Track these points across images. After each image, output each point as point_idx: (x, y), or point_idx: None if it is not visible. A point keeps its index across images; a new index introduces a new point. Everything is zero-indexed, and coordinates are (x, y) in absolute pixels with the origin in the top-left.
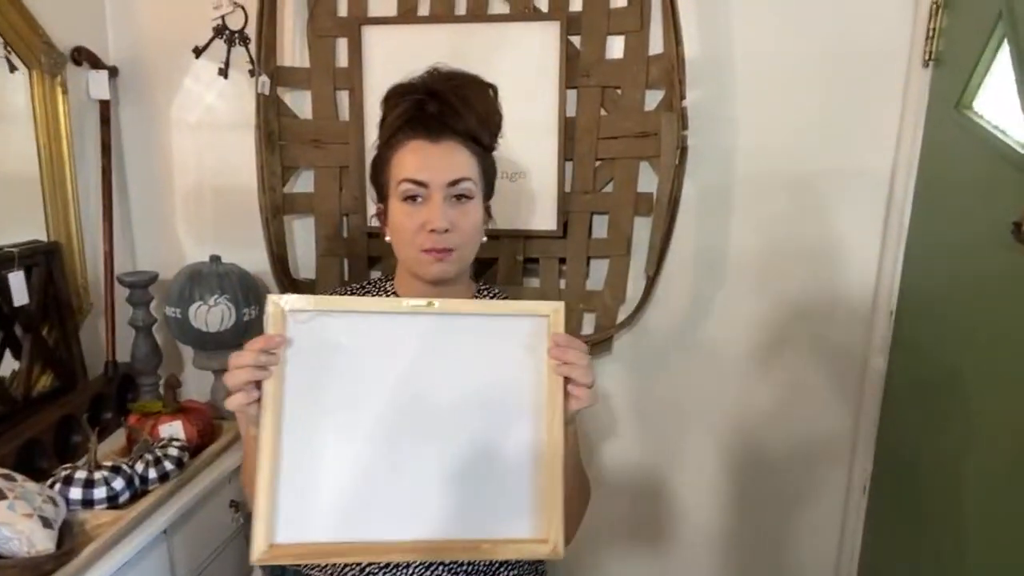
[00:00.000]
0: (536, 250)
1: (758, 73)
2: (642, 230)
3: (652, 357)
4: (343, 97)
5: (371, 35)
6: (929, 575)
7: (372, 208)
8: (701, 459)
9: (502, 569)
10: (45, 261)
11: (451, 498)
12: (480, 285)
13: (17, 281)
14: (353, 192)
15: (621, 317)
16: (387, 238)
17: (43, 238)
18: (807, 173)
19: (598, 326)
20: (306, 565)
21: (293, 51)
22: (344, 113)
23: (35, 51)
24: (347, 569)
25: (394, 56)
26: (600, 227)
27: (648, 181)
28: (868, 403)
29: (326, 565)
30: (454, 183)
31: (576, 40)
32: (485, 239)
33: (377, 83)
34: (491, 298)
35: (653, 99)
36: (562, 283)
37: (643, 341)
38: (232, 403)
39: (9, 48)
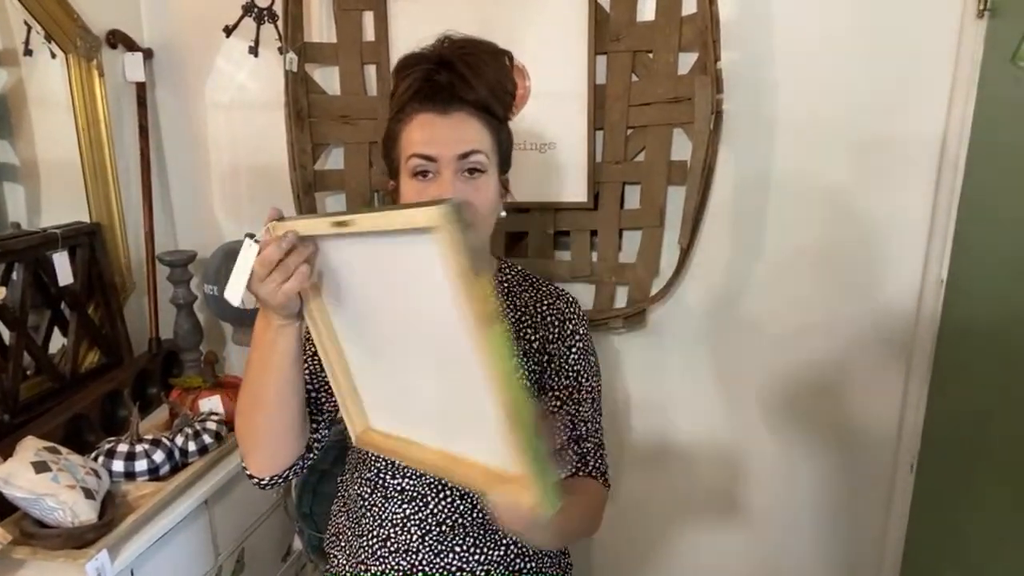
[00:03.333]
0: (567, 223)
1: (799, 32)
2: (676, 200)
3: (688, 331)
4: (371, 72)
5: (396, 6)
6: (979, 558)
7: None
8: (737, 437)
9: (518, 560)
10: (88, 242)
11: (440, 414)
12: (503, 262)
13: (62, 261)
14: (382, 168)
15: (654, 290)
16: None
17: (86, 219)
18: (852, 139)
19: (631, 299)
20: (329, 542)
21: (320, 26)
22: (372, 88)
23: (71, 36)
24: (361, 551)
25: (420, 27)
26: (632, 198)
27: (681, 149)
28: (916, 379)
29: (345, 544)
30: (464, 156)
31: (605, 3)
32: (504, 214)
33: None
34: (513, 276)
35: (686, 63)
36: (594, 256)
37: (678, 315)
38: (291, 287)
39: (47, 35)
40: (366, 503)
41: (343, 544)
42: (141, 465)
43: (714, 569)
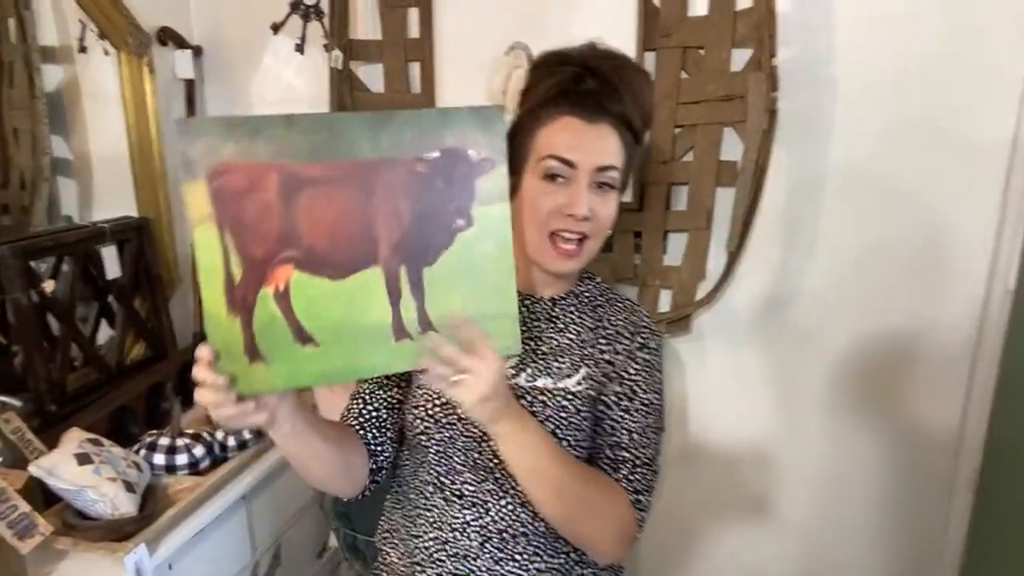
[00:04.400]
0: None
1: (861, 28)
2: (724, 202)
3: (734, 338)
4: (414, 69)
5: (442, 2)
6: None
7: None
8: (784, 448)
9: (577, 567)
10: (136, 236)
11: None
12: (586, 274)
13: (110, 255)
14: None
15: (700, 295)
16: None
17: (134, 214)
18: (917, 141)
19: (675, 304)
20: (381, 538)
21: (365, 23)
22: (415, 85)
23: (122, 33)
24: (417, 552)
25: (465, 24)
26: (679, 199)
27: (732, 149)
28: (979, 391)
29: (399, 542)
30: (602, 169)
31: None
32: (610, 231)
33: (448, 53)
34: (595, 288)
35: (739, 60)
36: (637, 258)
37: (724, 321)
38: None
39: (100, 33)
40: (424, 505)
41: (396, 542)
42: (182, 459)
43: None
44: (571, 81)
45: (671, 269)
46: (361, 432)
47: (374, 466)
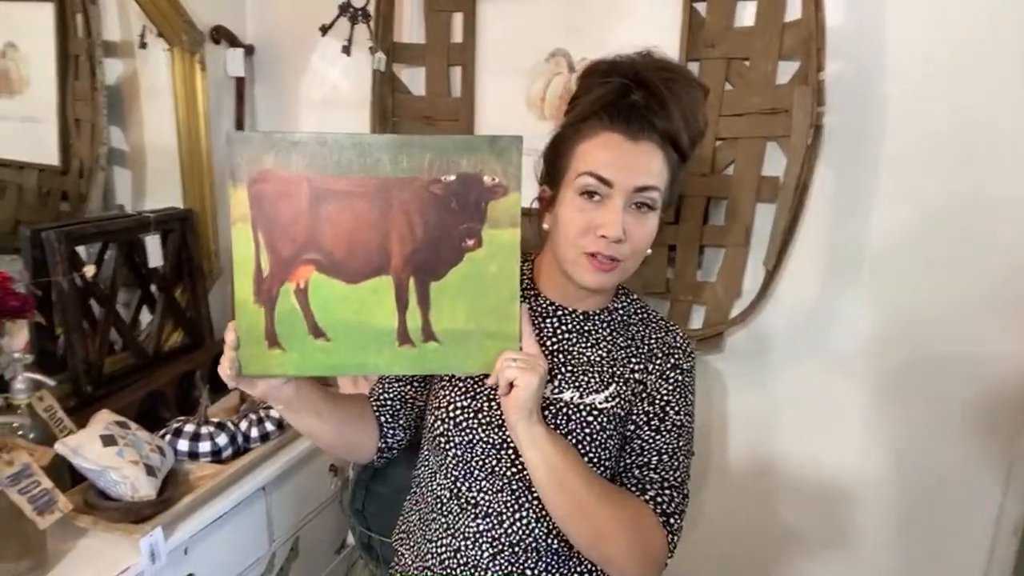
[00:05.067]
0: None
1: (915, 43)
2: (764, 218)
3: (768, 359)
4: (456, 74)
5: (486, 8)
6: None
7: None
8: (815, 476)
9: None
10: (179, 227)
11: None
12: (621, 291)
13: (153, 244)
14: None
15: (734, 312)
16: (544, 225)
17: (179, 205)
18: (972, 159)
19: (707, 321)
20: (397, 538)
21: (410, 27)
22: (456, 89)
23: (176, 30)
24: (429, 556)
25: (508, 29)
26: (717, 213)
27: (774, 164)
28: None
29: (413, 544)
30: (641, 190)
31: (700, 7)
32: (649, 251)
33: (489, 58)
34: (629, 305)
35: (785, 73)
36: (670, 272)
37: (758, 341)
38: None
39: (156, 29)
40: (440, 510)
41: (411, 544)
42: (204, 446)
43: None
44: (616, 94)
45: (705, 285)
46: (377, 413)
47: (383, 445)
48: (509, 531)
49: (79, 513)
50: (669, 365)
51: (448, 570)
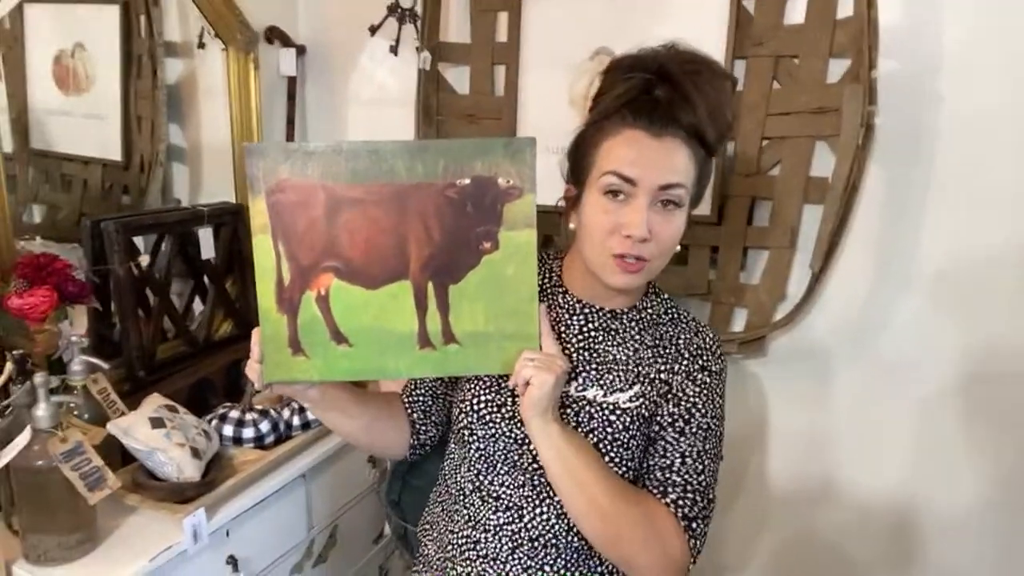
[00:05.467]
0: (685, 236)
1: (972, 42)
2: (811, 220)
3: (812, 365)
4: (500, 73)
5: (531, 7)
6: None
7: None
8: (857, 492)
9: None
10: (232, 221)
11: None
12: (652, 289)
13: (206, 237)
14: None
15: (778, 316)
16: (571, 225)
17: (232, 200)
18: None
19: (749, 324)
20: (421, 529)
21: (456, 27)
22: (500, 88)
23: (231, 30)
24: (450, 547)
25: (553, 30)
26: (761, 214)
27: (823, 164)
28: None
29: (437, 536)
30: (666, 187)
31: (749, 4)
32: (679, 248)
33: (533, 57)
34: (659, 305)
35: (836, 71)
36: (712, 274)
37: (803, 346)
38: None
39: (212, 29)
40: (462, 502)
41: (435, 535)
42: (248, 432)
43: None
44: (639, 90)
45: (748, 287)
46: (409, 410)
47: (415, 442)
48: (529, 526)
49: (127, 491)
50: (697, 366)
51: (468, 561)
